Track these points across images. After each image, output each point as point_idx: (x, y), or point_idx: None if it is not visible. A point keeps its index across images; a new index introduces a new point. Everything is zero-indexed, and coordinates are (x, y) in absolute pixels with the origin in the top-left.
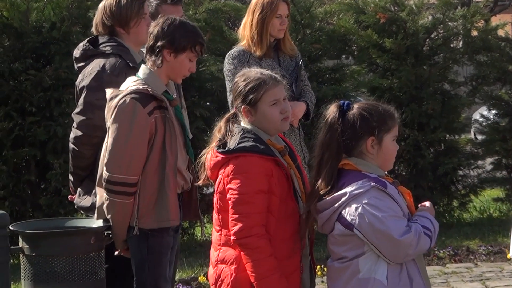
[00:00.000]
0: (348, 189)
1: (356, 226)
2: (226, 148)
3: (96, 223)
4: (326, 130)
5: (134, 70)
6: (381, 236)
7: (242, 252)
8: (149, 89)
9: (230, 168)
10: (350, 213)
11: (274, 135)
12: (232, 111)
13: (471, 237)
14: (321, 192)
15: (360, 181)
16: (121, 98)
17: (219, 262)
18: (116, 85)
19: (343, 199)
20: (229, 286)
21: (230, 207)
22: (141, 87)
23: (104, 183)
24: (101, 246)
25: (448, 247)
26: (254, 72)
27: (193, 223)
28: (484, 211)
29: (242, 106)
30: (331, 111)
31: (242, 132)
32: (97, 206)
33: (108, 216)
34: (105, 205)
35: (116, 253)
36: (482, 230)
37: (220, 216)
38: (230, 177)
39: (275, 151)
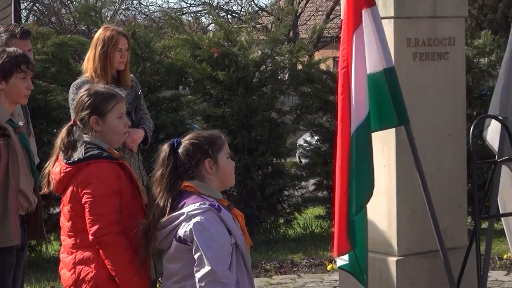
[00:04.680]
0: (186, 210)
1: (189, 240)
2: (77, 159)
3: None
4: (159, 167)
5: None
6: (206, 249)
7: (101, 250)
8: None
9: (83, 175)
10: (184, 229)
11: (115, 147)
12: (70, 122)
13: (295, 251)
14: (160, 214)
15: (198, 203)
16: None
17: (77, 264)
18: None
19: (180, 218)
20: (91, 282)
21: (86, 210)
22: None
23: None
24: None
25: (274, 260)
26: (101, 87)
27: (40, 241)
28: (307, 228)
29: (91, 117)
30: (163, 150)
31: (84, 144)
32: None
33: None
34: None
35: None
36: (305, 244)
37: (74, 223)
38: (84, 183)
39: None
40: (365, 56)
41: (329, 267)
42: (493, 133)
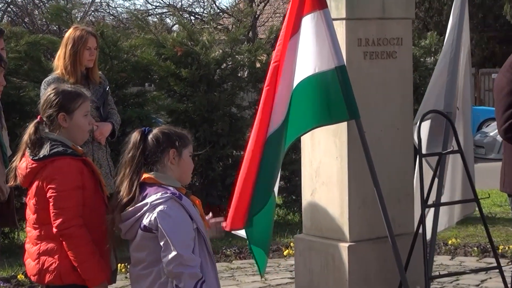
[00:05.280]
0: (149, 200)
1: (154, 228)
2: (42, 155)
3: None
4: (129, 150)
5: None
6: (171, 235)
7: (64, 242)
8: None
9: (48, 170)
10: (149, 218)
11: (79, 144)
12: (37, 119)
13: None
14: (124, 202)
15: (159, 193)
16: None
17: (41, 254)
18: None
19: (144, 208)
20: (54, 272)
21: (51, 204)
22: None
23: None
24: None
25: (234, 246)
26: (68, 86)
27: (12, 229)
28: None
29: (59, 114)
30: (134, 135)
31: (50, 142)
32: None
33: None
34: None
35: None
36: None
37: (39, 215)
38: (49, 178)
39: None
40: (294, 69)
41: (285, 253)
42: (422, 128)
